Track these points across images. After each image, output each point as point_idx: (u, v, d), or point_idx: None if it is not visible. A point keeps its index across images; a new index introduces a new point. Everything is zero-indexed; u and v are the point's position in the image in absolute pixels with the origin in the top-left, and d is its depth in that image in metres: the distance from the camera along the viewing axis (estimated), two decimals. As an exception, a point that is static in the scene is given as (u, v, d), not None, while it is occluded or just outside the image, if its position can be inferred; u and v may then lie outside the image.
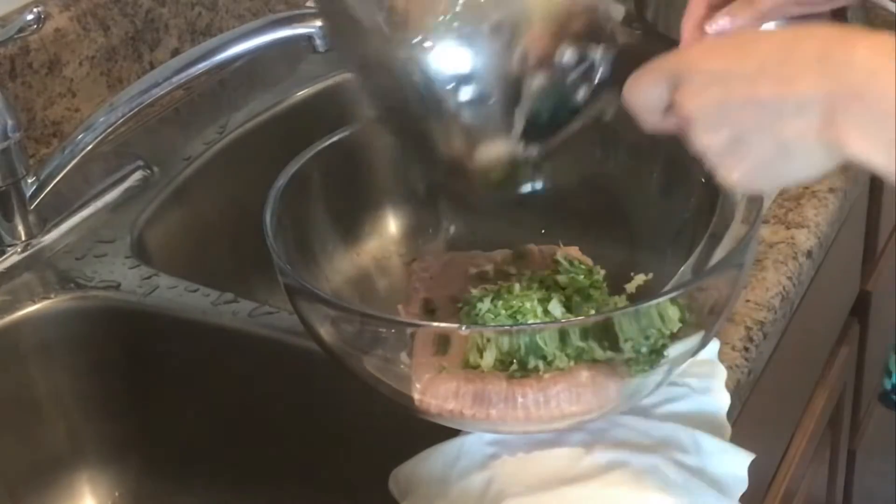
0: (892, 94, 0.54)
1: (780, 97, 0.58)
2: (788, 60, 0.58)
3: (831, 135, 0.56)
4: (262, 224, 0.77)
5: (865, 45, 0.56)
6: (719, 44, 0.64)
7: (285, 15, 0.95)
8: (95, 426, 0.98)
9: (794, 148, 0.58)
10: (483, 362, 0.72)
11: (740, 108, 0.59)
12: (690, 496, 0.74)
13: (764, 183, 0.63)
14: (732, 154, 0.61)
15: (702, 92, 0.61)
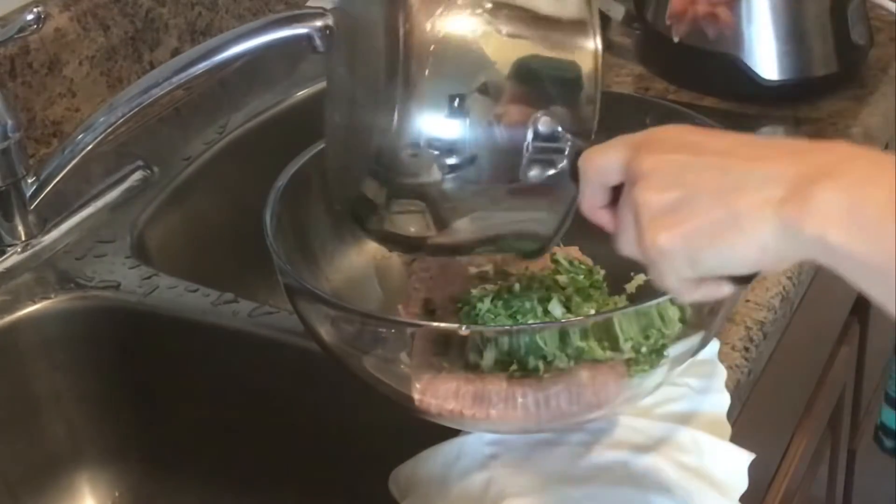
0: (866, 176, 0.50)
1: (748, 169, 0.54)
2: (766, 146, 0.55)
3: (791, 210, 0.51)
4: (262, 224, 0.77)
5: (844, 143, 0.53)
6: (701, 128, 0.59)
7: (285, 15, 0.95)
8: (95, 426, 0.98)
9: (746, 219, 0.53)
10: (483, 362, 0.72)
11: (702, 170, 0.55)
12: (690, 496, 0.74)
13: (693, 252, 0.55)
14: (672, 214, 0.55)
15: (667, 151, 0.57)
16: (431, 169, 0.67)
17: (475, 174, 0.67)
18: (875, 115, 1.17)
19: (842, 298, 1.33)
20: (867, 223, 0.50)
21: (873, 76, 1.22)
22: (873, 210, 0.50)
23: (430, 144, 0.66)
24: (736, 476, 0.76)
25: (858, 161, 0.52)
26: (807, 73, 1.18)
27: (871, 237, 0.50)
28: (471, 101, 0.66)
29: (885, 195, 0.49)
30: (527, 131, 0.66)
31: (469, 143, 0.67)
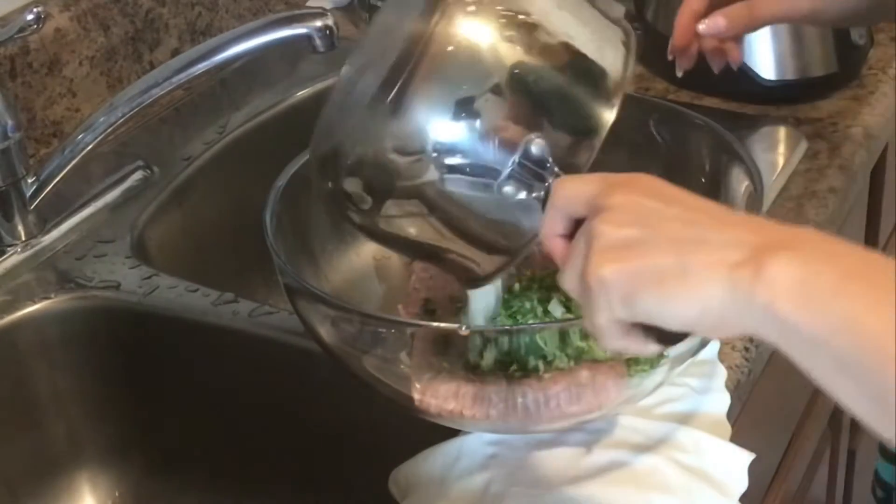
0: (822, 253, 0.51)
1: (713, 228, 0.53)
2: (737, 216, 0.56)
3: (744, 274, 0.51)
4: (262, 224, 0.77)
5: (812, 230, 0.53)
6: (670, 184, 0.58)
7: (285, 15, 0.95)
8: (95, 426, 0.98)
9: (695, 274, 0.52)
10: (483, 362, 0.72)
11: (668, 219, 0.54)
12: (690, 496, 0.74)
13: (633, 291, 0.54)
14: (625, 249, 0.54)
15: (640, 194, 0.56)
16: (420, 168, 0.67)
17: (460, 180, 0.67)
18: (875, 115, 1.17)
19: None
20: (816, 297, 0.50)
21: (873, 76, 1.22)
22: (824, 285, 0.50)
23: (425, 143, 0.66)
24: (736, 476, 0.76)
25: (818, 241, 0.52)
26: (807, 73, 1.18)
27: (818, 311, 0.50)
28: (479, 104, 0.66)
29: (837, 273, 0.50)
30: (518, 147, 0.66)
31: (464, 147, 0.66)
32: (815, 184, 1.06)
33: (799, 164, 1.09)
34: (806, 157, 1.10)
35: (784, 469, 1.18)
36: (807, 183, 1.06)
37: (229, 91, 1.21)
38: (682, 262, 0.53)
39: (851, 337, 0.49)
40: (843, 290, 0.50)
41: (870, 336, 0.49)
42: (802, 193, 1.05)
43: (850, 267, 0.51)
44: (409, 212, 0.68)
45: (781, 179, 1.06)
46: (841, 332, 0.49)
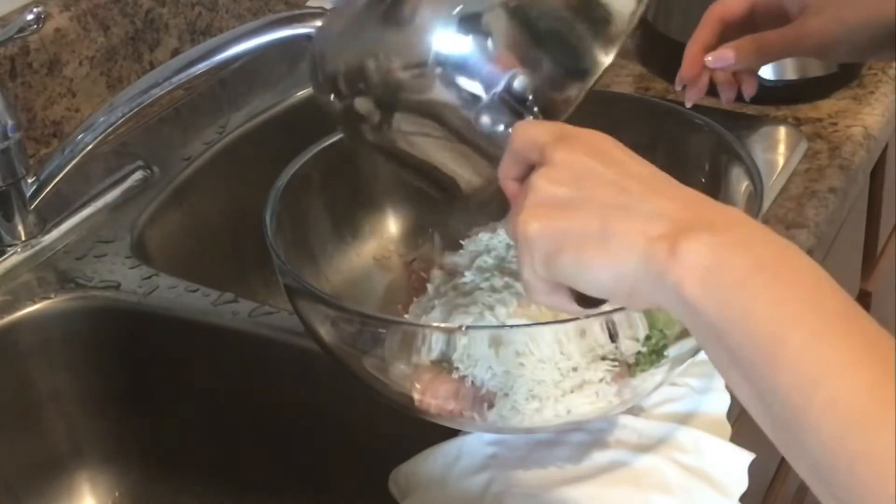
0: (740, 242, 0.50)
1: (644, 198, 0.53)
2: (676, 187, 0.55)
3: (660, 249, 0.51)
4: (262, 224, 0.77)
5: (743, 213, 0.53)
6: (624, 147, 0.58)
7: (285, 15, 0.95)
8: (95, 426, 0.98)
9: (615, 242, 0.52)
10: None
11: (603, 183, 0.54)
12: (690, 496, 0.74)
13: (553, 252, 0.54)
14: (553, 208, 0.55)
15: (585, 153, 0.56)
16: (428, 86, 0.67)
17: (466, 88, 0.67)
18: (875, 115, 1.17)
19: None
20: (722, 286, 0.50)
21: (873, 76, 1.22)
22: (732, 275, 0.50)
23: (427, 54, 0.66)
24: (736, 476, 0.76)
25: (742, 226, 0.52)
26: (807, 73, 1.18)
27: (721, 301, 0.50)
28: (488, 19, 0.66)
29: (748, 263, 0.50)
30: (501, 79, 0.66)
31: (461, 63, 0.66)
32: (815, 184, 1.06)
33: (799, 164, 1.09)
34: (806, 157, 1.10)
35: (784, 469, 1.18)
36: (807, 183, 1.06)
37: (229, 91, 1.21)
38: (604, 229, 0.53)
39: (745, 333, 0.49)
40: (748, 283, 0.49)
41: (762, 336, 0.49)
42: (802, 193, 1.05)
43: (762, 258, 0.50)
44: (417, 127, 0.69)
45: (781, 179, 1.06)
46: (737, 327, 0.49)
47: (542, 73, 0.66)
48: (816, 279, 0.51)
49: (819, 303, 0.50)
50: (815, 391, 0.47)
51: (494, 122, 0.66)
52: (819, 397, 0.47)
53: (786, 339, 0.48)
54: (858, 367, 0.48)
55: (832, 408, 0.47)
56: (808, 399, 0.48)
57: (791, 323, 0.49)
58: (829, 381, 0.47)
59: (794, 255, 0.51)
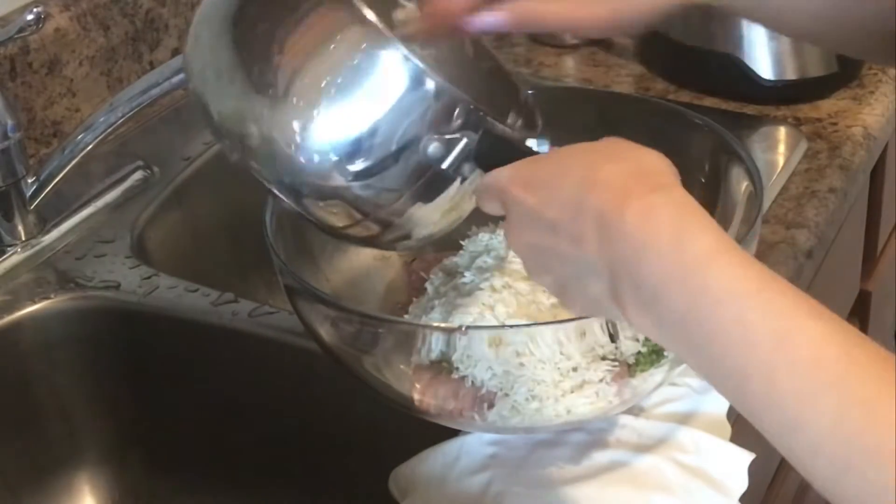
0: (652, 273, 0.54)
1: (575, 257, 0.57)
2: (577, 216, 0.57)
3: (617, 302, 0.56)
4: (262, 224, 0.77)
5: (634, 212, 0.55)
6: (535, 171, 0.61)
7: (285, 15, 0.95)
8: (95, 426, 0.98)
9: (603, 304, 0.58)
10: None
11: (550, 257, 0.59)
12: (690, 496, 0.74)
13: (605, 317, 0.66)
14: (562, 295, 0.61)
15: (518, 232, 0.61)
16: (333, 175, 0.67)
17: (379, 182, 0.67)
18: (875, 115, 1.17)
19: (842, 298, 1.33)
20: (675, 337, 0.54)
21: (873, 76, 1.22)
22: (672, 329, 0.54)
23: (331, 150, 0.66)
24: (736, 476, 0.76)
25: (648, 258, 0.54)
26: (807, 73, 1.18)
27: (684, 349, 0.54)
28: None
29: (675, 318, 0.53)
30: (424, 158, 0.66)
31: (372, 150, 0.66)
32: (815, 184, 1.06)
33: (799, 164, 1.09)
34: (806, 157, 1.10)
35: (784, 469, 1.18)
36: (807, 183, 1.06)
37: (229, 91, 1.21)
38: (591, 298, 0.58)
39: (702, 365, 0.54)
40: (689, 338, 0.53)
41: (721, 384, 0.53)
42: (802, 193, 1.05)
43: (680, 309, 0.53)
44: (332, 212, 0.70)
45: (781, 179, 1.06)
46: (691, 362, 0.55)
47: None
48: (729, 297, 0.53)
49: (747, 325, 0.52)
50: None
51: (461, 164, 0.67)
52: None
53: (744, 388, 0.52)
54: None
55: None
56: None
57: (741, 372, 0.52)
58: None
59: (693, 272, 0.53)
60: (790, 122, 1.15)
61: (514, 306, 0.75)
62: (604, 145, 0.61)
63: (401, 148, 0.66)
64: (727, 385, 0.53)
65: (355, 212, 0.69)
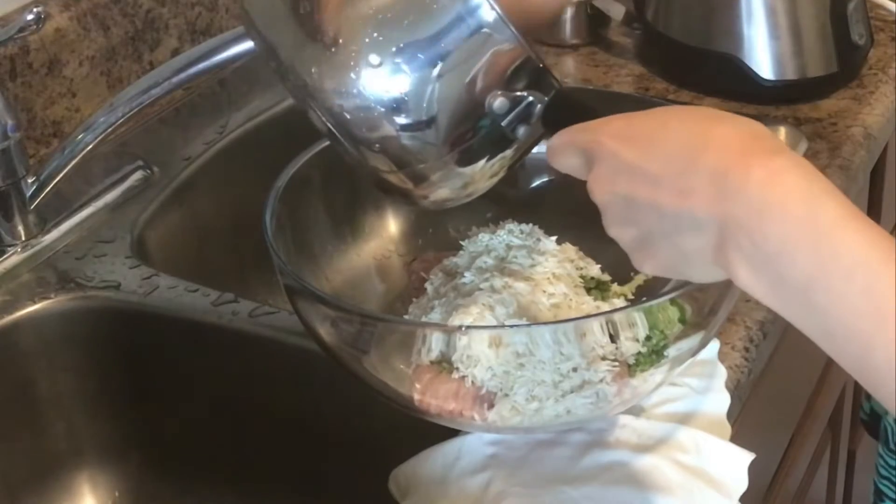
0: (777, 235, 0.53)
1: (678, 210, 0.57)
2: (687, 170, 0.56)
3: (722, 260, 0.56)
4: (262, 224, 0.77)
5: (761, 173, 0.54)
6: (632, 125, 0.61)
7: (285, 15, 0.95)
8: (95, 426, 0.98)
9: (694, 260, 0.57)
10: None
11: (644, 209, 0.58)
12: (690, 496, 0.74)
13: (678, 277, 0.63)
14: (641, 249, 0.60)
15: (610, 182, 0.60)
16: (384, 125, 0.66)
17: (434, 134, 0.67)
18: (875, 115, 1.17)
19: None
20: (791, 300, 0.54)
21: (873, 76, 1.22)
22: (793, 291, 0.53)
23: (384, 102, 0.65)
24: (736, 476, 0.76)
25: (772, 218, 0.53)
26: (807, 73, 1.18)
27: (798, 312, 0.54)
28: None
29: (799, 277, 0.53)
30: (489, 112, 0.66)
31: (427, 102, 0.66)
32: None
33: (799, 164, 1.09)
34: (806, 157, 1.10)
35: (784, 469, 1.18)
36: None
37: (229, 91, 1.21)
38: (681, 252, 0.58)
39: (831, 349, 0.53)
40: (811, 302, 0.53)
41: (846, 355, 0.53)
42: (802, 193, 1.05)
43: (808, 267, 0.52)
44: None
45: (781, 179, 1.06)
46: (821, 341, 0.54)
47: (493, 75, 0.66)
48: (865, 267, 0.52)
49: (878, 304, 0.51)
50: None
51: (526, 126, 0.67)
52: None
53: (867, 358, 0.51)
54: None
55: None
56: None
57: (867, 343, 0.51)
58: None
59: (836, 240, 0.52)
60: (790, 122, 1.15)
61: (514, 306, 0.75)
62: (703, 109, 0.61)
63: (468, 98, 0.66)
64: (846, 351, 0.52)
65: (396, 160, 0.68)
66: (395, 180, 0.70)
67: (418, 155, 0.67)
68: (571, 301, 0.77)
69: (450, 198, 0.71)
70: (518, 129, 0.67)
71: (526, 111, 0.67)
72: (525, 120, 0.67)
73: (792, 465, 1.20)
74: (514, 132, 0.67)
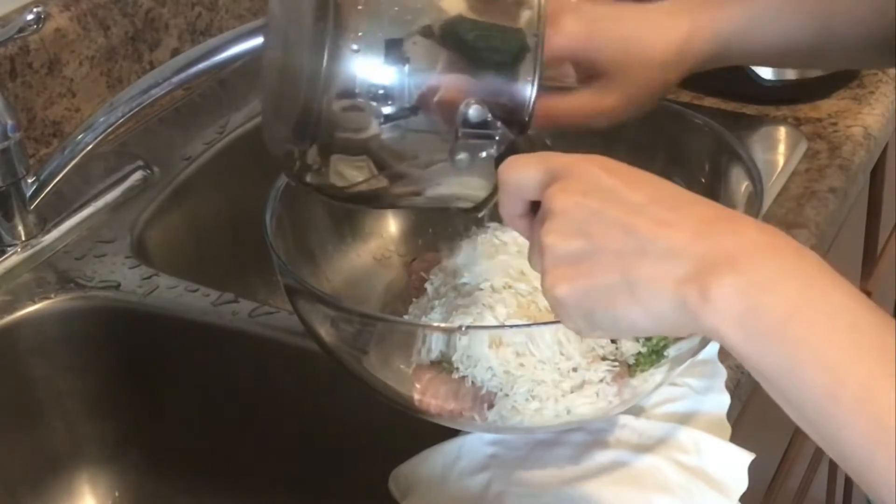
0: (769, 266, 0.51)
1: (653, 234, 0.53)
2: (676, 208, 0.54)
3: (690, 294, 0.51)
4: (262, 224, 0.77)
5: (753, 224, 0.53)
6: (623, 167, 0.57)
7: (285, 15, 0.95)
8: (95, 426, 0.98)
9: (642, 290, 0.53)
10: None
11: (610, 225, 0.54)
12: (690, 496, 0.74)
13: (588, 311, 0.55)
14: (573, 266, 0.55)
15: (580, 194, 0.56)
16: (366, 121, 0.65)
17: (414, 124, 0.66)
18: (875, 115, 1.17)
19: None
20: (760, 333, 0.50)
21: (873, 76, 1.22)
22: (767, 321, 0.50)
23: (365, 93, 0.64)
24: (736, 476, 0.76)
25: (764, 255, 0.52)
26: (807, 73, 1.18)
27: (763, 347, 0.50)
28: (409, 47, 0.64)
29: (781, 307, 0.50)
30: (456, 117, 0.65)
31: (406, 92, 0.65)
32: (815, 184, 1.06)
33: (799, 164, 1.09)
34: (806, 157, 1.10)
35: (784, 469, 1.18)
36: (807, 183, 1.06)
37: (229, 91, 1.21)
38: (627, 279, 0.54)
39: (794, 385, 0.50)
40: (786, 332, 0.50)
41: (812, 390, 0.49)
42: (802, 193, 1.05)
43: (791, 300, 0.50)
44: (357, 167, 0.68)
45: (781, 179, 1.06)
46: (785, 376, 0.50)
47: (486, 87, 0.66)
48: (848, 311, 0.50)
49: (858, 342, 0.49)
50: (878, 450, 0.47)
51: (471, 154, 0.66)
52: (883, 455, 0.47)
53: (838, 395, 0.49)
54: None
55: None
56: (872, 454, 0.48)
57: (839, 377, 0.49)
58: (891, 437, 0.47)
59: (820, 286, 0.51)
60: (790, 122, 1.15)
61: (514, 306, 0.75)
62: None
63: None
64: (814, 384, 0.49)
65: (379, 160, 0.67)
66: (372, 183, 0.69)
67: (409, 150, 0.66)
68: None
69: (430, 197, 0.71)
70: (461, 154, 0.66)
71: (483, 143, 0.65)
72: (474, 151, 0.66)
73: (792, 465, 1.20)
74: (457, 153, 0.66)
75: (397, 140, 0.66)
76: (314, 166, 0.68)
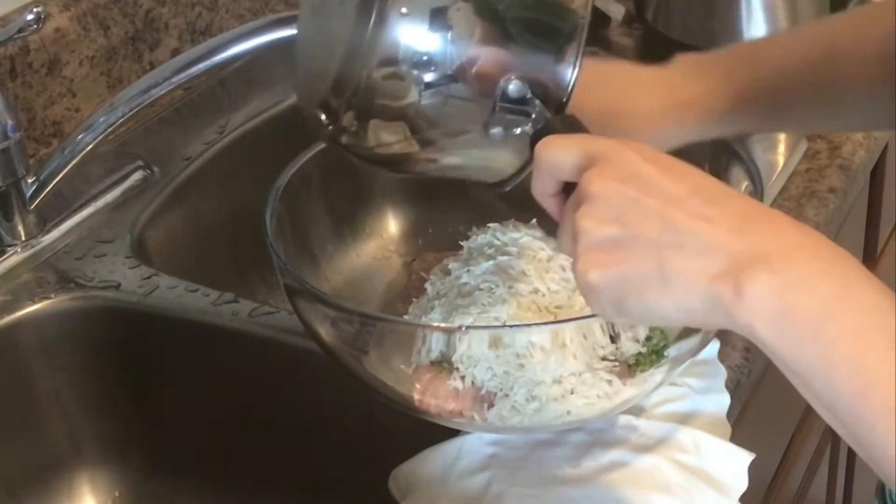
0: (805, 265, 0.51)
1: (690, 227, 0.53)
2: (715, 202, 0.54)
3: (724, 290, 0.51)
4: (262, 224, 0.77)
5: (791, 223, 0.53)
6: (661, 155, 0.57)
7: (285, 15, 0.95)
8: (95, 426, 0.98)
9: (676, 282, 0.52)
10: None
11: (648, 214, 0.54)
12: (690, 496, 0.74)
13: (619, 298, 0.54)
14: (607, 252, 0.54)
15: (619, 180, 0.55)
16: (405, 89, 0.65)
17: (454, 92, 0.65)
18: (875, 115, 1.17)
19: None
20: (794, 332, 0.50)
21: (873, 76, 1.22)
22: (802, 321, 0.50)
23: (406, 59, 0.64)
24: (736, 476, 0.76)
25: (801, 255, 0.52)
26: (807, 73, 1.18)
27: (796, 349, 0.51)
28: (453, 13, 0.64)
29: (816, 307, 0.50)
30: (495, 90, 0.65)
31: (448, 61, 0.64)
32: (815, 184, 1.06)
33: (799, 164, 1.09)
34: (806, 157, 1.10)
35: (784, 469, 1.18)
36: (807, 183, 1.06)
37: (229, 91, 1.21)
38: (661, 270, 0.53)
39: (827, 385, 0.50)
40: (820, 332, 0.50)
41: (845, 392, 0.50)
42: (802, 193, 1.05)
43: (826, 301, 0.50)
44: (392, 131, 0.67)
45: (781, 179, 1.06)
46: (817, 376, 0.50)
47: (529, 63, 0.65)
48: (883, 313, 0.51)
49: (891, 344, 0.50)
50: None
51: (506, 131, 0.66)
52: None
53: (869, 395, 0.49)
54: None
55: None
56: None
57: (871, 378, 0.49)
58: None
59: (855, 287, 0.52)
60: (790, 122, 1.15)
61: (514, 307, 0.75)
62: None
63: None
64: (845, 388, 0.50)
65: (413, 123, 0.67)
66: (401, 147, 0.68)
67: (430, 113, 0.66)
68: (572, 301, 0.77)
69: (446, 166, 0.70)
70: (495, 128, 0.66)
71: (519, 119, 0.65)
72: (510, 126, 0.65)
73: (792, 465, 1.20)
74: (492, 127, 0.66)
75: (435, 108, 0.65)
76: (351, 129, 0.68)
